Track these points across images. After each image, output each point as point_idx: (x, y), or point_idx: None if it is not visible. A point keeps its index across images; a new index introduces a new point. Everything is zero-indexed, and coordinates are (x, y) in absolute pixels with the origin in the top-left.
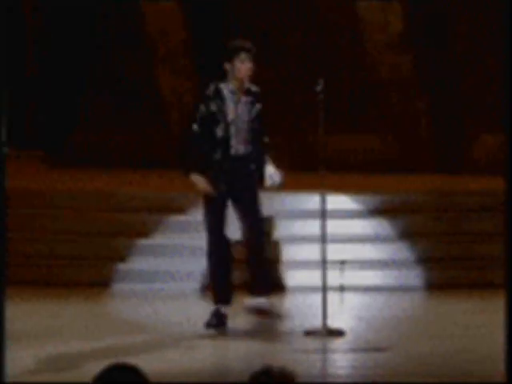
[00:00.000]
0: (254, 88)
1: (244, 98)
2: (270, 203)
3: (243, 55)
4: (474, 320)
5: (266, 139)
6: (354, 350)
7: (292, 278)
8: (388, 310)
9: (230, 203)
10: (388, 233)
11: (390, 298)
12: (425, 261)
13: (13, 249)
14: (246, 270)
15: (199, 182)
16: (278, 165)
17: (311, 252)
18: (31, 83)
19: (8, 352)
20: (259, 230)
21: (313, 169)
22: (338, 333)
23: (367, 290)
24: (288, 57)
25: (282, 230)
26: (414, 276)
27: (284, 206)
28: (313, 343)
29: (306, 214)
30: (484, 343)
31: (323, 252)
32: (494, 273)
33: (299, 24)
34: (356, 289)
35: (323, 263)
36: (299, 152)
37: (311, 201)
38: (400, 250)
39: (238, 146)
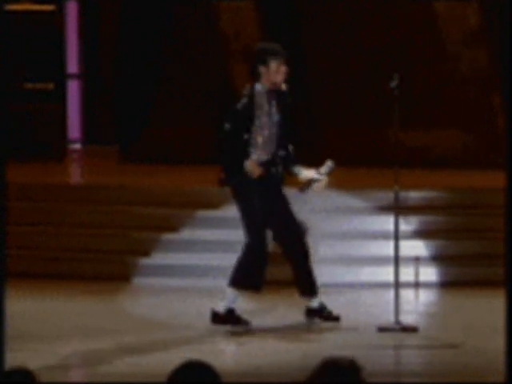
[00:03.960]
0: (283, 87)
1: (275, 100)
2: (344, 199)
3: (279, 59)
4: None
5: (291, 147)
6: (426, 347)
7: (365, 274)
8: (460, 307)
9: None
10: (460, 229)
11: (462, 294)
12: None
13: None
14: (295, 274)
15: (254, 167)
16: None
17: (384, 248)
18: (108, 80)
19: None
20: (303, 233)
21: (388, 165)
22: (412, 329)
23: (439, 286)
24: (364, 52)
25: (355, 225)
26: (487, 272)
27: (357, 201)
28: (386, 339)
29: (380, 210)
30: None
31: (396, 248)
32: None
33: (376, 19)
34: (428, 285)
35: (396, 259)
36: (374, 148)
37: (385, 197)
38: (472, 246)
39: (266, 151)
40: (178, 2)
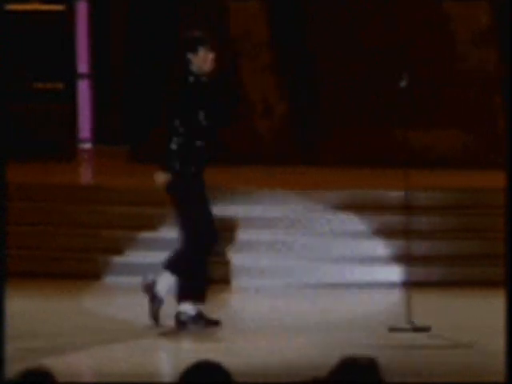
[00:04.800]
0: (205, 78)
1: (201, 88)
2: (352, 198)
3: (207, 47)
4: None
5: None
6: (436, 347)
7: (374, 274)
8: (467, 307)
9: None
10: (461, 229)
11: (472, 294)
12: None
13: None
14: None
15: (161, 178)
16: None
17: (392, 248)
18: (117, 79)
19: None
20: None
21: (396, 165)
22: (423, 329)
23: (448, 286)
24: (371, 51)
25: (364, 225)
26: (489, 272)
27: (367, 201)
28: (397, 339)
29: (389, 210)
30: None
31: (407, 248)
32: None
33: (383, 18)
34: (437, 285)
35: (407, 259)
36: (383, 148)
37: (394, 196)
38: (478, 246)
39: (200, 139)
40: (187, 2)
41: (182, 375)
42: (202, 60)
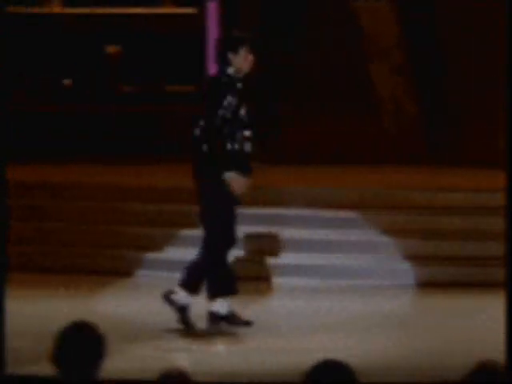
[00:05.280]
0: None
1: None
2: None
3: (248, 47)
4: None
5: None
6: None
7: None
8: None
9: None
10: None
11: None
12: None
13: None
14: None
15: (239, 183)
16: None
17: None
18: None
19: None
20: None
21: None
22: None
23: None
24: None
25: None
26: None
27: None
28: None
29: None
30: None
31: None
32: None
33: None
34: None
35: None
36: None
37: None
38: None
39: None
40: (315, 3)
41: (308, 373)
42: (243, 60)
